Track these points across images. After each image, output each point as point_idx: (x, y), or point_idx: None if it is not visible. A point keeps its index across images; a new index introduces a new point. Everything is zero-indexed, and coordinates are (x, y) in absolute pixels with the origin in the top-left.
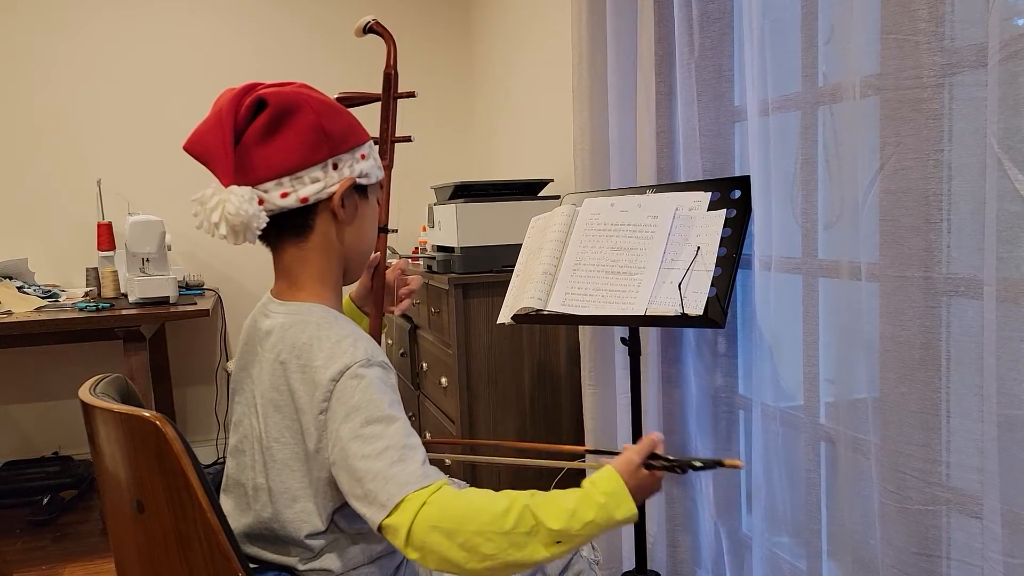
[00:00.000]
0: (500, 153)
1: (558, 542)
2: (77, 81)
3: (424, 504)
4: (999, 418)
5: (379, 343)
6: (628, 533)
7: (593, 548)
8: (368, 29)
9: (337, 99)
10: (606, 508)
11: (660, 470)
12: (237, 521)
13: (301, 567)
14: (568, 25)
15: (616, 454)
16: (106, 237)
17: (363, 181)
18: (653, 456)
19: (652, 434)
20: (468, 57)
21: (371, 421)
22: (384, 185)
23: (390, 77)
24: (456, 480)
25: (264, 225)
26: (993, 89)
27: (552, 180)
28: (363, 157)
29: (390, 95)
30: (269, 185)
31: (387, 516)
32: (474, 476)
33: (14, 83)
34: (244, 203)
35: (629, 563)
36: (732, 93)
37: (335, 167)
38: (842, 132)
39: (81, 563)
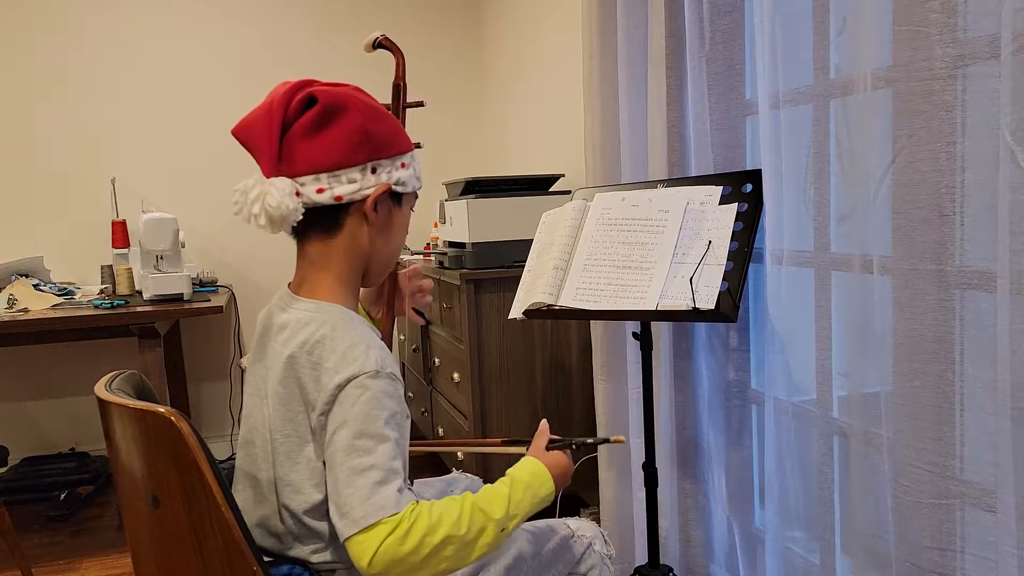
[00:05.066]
0: (511, 148)
1: (502, 529)
2: (91, 80)
3: (395, 528)
4: (1013, 412)
5: (390, 345)
6: (641, 528)
7: (606, 543)
8: (377, 45)
9: None
10: (532, 487)
11: (559, 449)
12: (250, 514)
13: (314, 559)
14: (578, 20)
15: (525, 443)
16: (120, 235)
17: (399, 189)
18: (552, 442)
19: (542, 423)
20: (478, 53)
21: (363, 435)
22: None
23: (399, 88)
24: (467, 475)
25: (300, 218)
26: (1006, 81)
27: (563, 175)
28: (403, 166)
29: (399, 105)
30: (307, 179)
31: (358, 533)
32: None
33: (29, 82)
34: (285, 197)
35: (642, 558)
36: (743, 87)
37: (373, 171)
38: (854, 125)
39: (98, 558)
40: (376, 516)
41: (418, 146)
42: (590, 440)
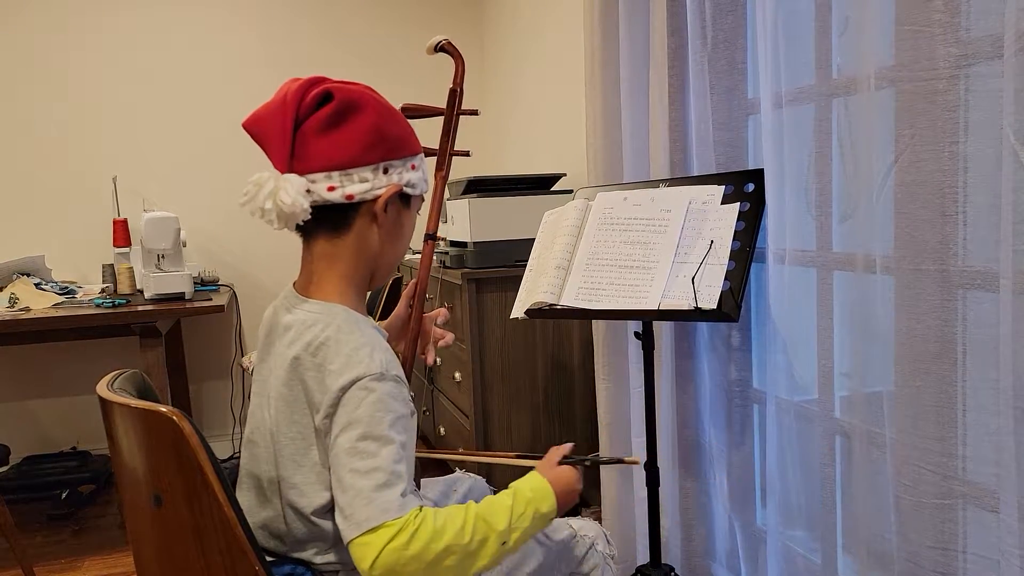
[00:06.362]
0: (513, 148)
1: (504, 543)
2: (93, 80)
3: (398, 532)
4: (1015, 411)
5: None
6: (642, 528)
7: (608, 543)
8: (439, 48)
9: (401, 109)
10: (534, 502)
11: (570, 465)
12: (254, 515)
13: (317, 560)
14: (580, 19)
15: (539, 458)
16: (122, 234)
17: (409, 191)
18: (566, 458)
19: (562, 445)
20: (480, 51)
21: (367, 437)
22: (436, 194)
23: (455, 94)
24: (470, 474)
25: (308, 217)
26: (1009, 80)
27: (565, 174)
28: (413, 168)
29: (454, 111)
30: (318, 176)
31: (361, 535)
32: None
33: (30, 82)
34: (299, 195)
35: (643, 557)
36: (745, 86)
37: (385, 171)
38: (856, 124)
39: (100, 557)
40: (379, 519)
41: (466, 154)
42: (604, 459)
